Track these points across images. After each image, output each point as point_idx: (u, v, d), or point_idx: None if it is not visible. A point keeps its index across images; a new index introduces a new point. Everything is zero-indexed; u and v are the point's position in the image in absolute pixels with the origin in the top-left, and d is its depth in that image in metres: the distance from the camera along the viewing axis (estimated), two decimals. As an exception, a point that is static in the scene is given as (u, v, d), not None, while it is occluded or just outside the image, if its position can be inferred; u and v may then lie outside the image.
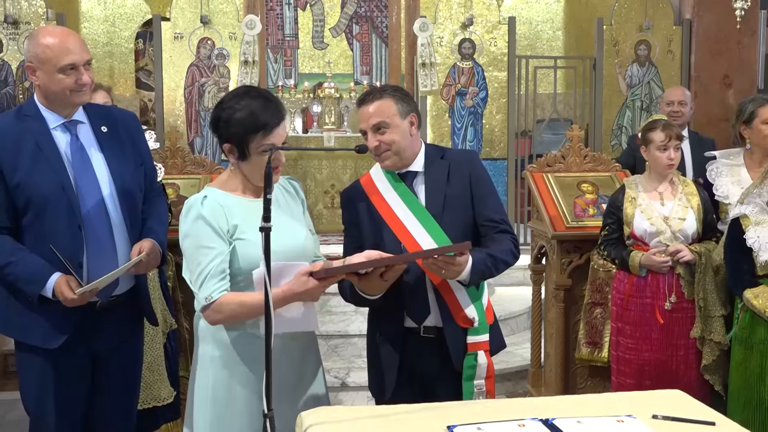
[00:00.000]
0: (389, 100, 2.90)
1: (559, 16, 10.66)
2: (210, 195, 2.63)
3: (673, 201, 4.00)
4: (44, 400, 2.96)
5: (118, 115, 3.13)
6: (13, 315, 2.94)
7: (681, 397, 2.53)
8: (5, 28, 7.80)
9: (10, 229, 2.87)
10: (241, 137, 2.59)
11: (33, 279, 2.82)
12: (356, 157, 7.91)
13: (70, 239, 2.85)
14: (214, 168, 4.67)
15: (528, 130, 8.61)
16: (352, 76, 10.01)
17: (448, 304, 2.89)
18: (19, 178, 2.83)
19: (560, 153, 4.95)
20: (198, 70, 8.05)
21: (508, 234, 2.94)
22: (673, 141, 3.94)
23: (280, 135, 2.62)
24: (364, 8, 10.03)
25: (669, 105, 5.65)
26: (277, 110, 2.62)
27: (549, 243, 4.68)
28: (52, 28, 3.05)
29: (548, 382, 4.84)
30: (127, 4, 10.30)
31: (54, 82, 2.86)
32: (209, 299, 2.53)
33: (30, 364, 2.97)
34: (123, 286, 3.02)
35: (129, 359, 3.14)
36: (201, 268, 2.55)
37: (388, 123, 2.89)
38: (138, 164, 3.07)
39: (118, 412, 3.13)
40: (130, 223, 2.98)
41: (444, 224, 2.90)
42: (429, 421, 2.26)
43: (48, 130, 2.90)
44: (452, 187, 2.95)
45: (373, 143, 2.90)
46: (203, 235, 2.56)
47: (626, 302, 4.05)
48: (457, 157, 3.04)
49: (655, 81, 8.38)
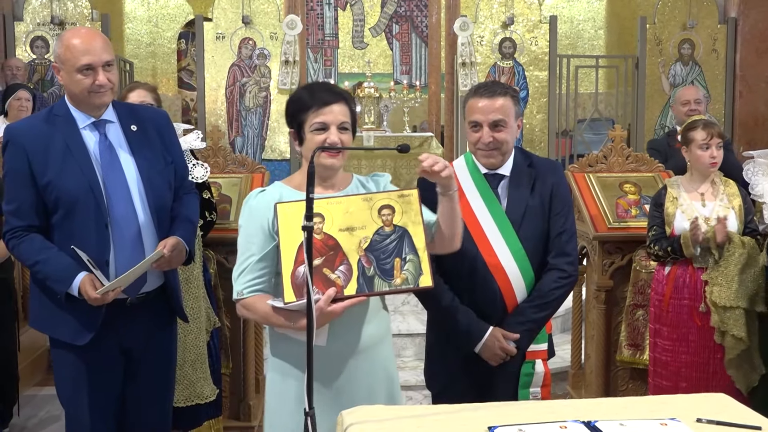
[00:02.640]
0: (510, 100, 2.90)
1: (601, 15, 10.58)
2: (269, 189, 2.63)
3: (714, 202, 3.95)
4: (77, 395, 3.00)
5: (148, 114, 3.14)
6: (45, 311, 2.99)
7: (726, 401, 2.49)
8: (52, 29, 7.95)
9: (39, 228, 2.91)
10: (294, 116, 2.59)
11: (60, 278, 2.85)
12: (396, 157, 7.90)
13: (97, 238, 2.87)
14: (255, 167, 4.70)
15: (569, 130, 8.55)
16: (392, 75, 10.03)
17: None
18: (48, 178, 2.86)
19: (602, 153, 4.91)
20: (239, 69, 8.11)
21: (561, 258, 2.95)
22: (715, 139, 3.89)
23: (334, 113, 2.53)
24: (404, 8, 10.04)
25: (685, 105, 5.44)
26: (331, 92, 2.59)
27: (590, 244, 4.64)
28: (79, 29, 3.09)
29: (588, 384, 4.80)
30: (170, 5, 10.44)
31: (73, 82, 2.89)
32: (240, 294, 2.54)
33: (63, 360, 3.01)
34: (152, 283, 3.03)
35: (161, 355, 3.16)
36: (241, 261, 2.56)
37: (507, 122, 2.89)
38: (167, 162, 3.08)
39: (152, 407, 3.15)
40: (157, 221, 2.99)
41: (521, 234, 2.90)
42: (470, 422, 2.25)
43: (77, 130, 2.93)
44: (534, 198, 2.95)
45: (488, 138, 2.88)
46: (248, 229, 2.57)
47: (664, 303, 4.01)
48: (543, 168, 3.02)
49: (699, 80, 8.28)
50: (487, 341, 2.87)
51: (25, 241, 2.90)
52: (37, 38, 7.94)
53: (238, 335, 4.39)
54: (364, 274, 2.40)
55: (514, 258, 2.90)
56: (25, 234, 2.90)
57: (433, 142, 8.04)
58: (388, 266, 2.42)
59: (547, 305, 2.92)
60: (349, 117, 2.59)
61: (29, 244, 2.90)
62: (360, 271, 2.41)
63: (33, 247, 2.89)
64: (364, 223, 2.45)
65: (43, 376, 5.55)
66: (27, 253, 2.91)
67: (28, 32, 7.91)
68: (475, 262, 2.87)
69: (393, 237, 2.45)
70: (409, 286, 2.41)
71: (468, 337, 2.89)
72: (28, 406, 5.00)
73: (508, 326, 2.89)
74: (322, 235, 2.43)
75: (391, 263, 2.42)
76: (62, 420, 4.74)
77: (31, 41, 7.92)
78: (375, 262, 2.42)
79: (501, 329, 2.89)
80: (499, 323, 2.91)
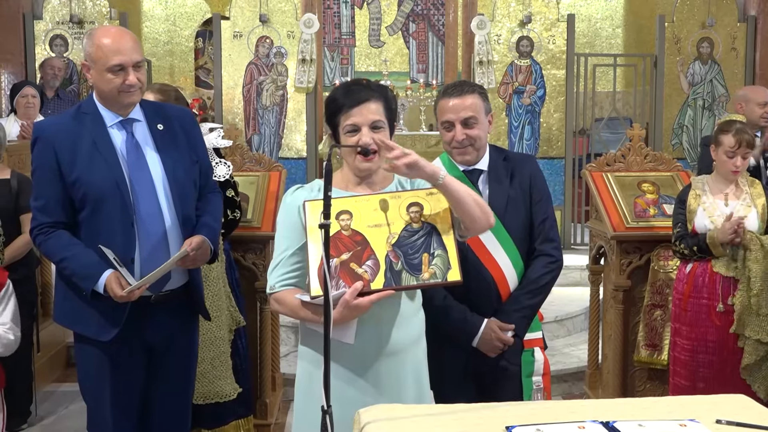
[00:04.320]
0: (478, 97, 2.99)
1: (619, 13, 10.52)
2: (307, 186, 2.66)
3: (737, 201, 3.93)
4: (100, 390, 3.02)
5: (175, 113, 3.16)
6: (70, 307, 3.02)
7: (745, 402, 2.47)
8: (70, 28, 7.99)
9: (66, 224, 2.94)
10: (329, 119, 2.60)
11: (86, 275, 2.88)
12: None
13: (123, 236, 2.90)
14: (272, 165, 4.72)
15: (586, 129, 8.51)
16: (409, 74, 10.01)
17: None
18: (76, 175, 2.89)
19: (620, 152, 4.89)
20: (256, 68, 8.13)
21: (546, 244, 3.02)
22: (743, 149, 3.85)
23: (363, 114, 2.52)
24: (420, 6, 10.02)
25: (762, 106, 5.09)
26: (364, 89, 2.57)
27: (608, 243, 4.62)
28: (108, 27, 3.08)
29: (606, 384, 4.78)
30: (188, 4, 10.48)
31: (104, 81, 2.91)
32: (272, 288, 2.57)
33: (86, 355, 3.04)
34: (176, 280, 3.05)
35: (183, 352, 3.18)
36: (276, 255, 2.59)
37: (477, 119, 2.97)
38: (193, 161, 3.10)
39: (173, 403, 3.17)
40: (183, 220, 3.01)
41: (506, 224, 2.97)
42: (487, 421, 2.24)
43: (105, 128, 2.95)
44: (514, 189, 3.02)
45: (460, 136, 2.96)
46: (284, 224, 2.60)
47: (684, 303, 4.00)
48: (518, 160, 3.12)
49: (718, 79, 8.22)
50: (483, 334, 2.92)
51: (52, 238, 2.93)
52: (56, 37, 7.98)
53: (255, 333, 4.40)
54: (392, 268, 2.42)
55: (503, 248, 2.98)
56: (52, 230, 2.93)
57: (450, 140, 8.03)
58: (416, 261, 2.43)
59: (539, 290, 3.01)
60: (384, 114, 2.58)
61: (56, 240, 2.93)
62: (387, 265, 2.42)
63: (60, 244, 2.92)
64: (393, 219, 2.47)
65: (61, 372, 5.59)
66: (54, 249, 2.94)
67: (47, 31, 7.96)
68: (465, 255, 2.87)
69: (421, 233, 2.47)
70: (437, 281, 2.43)
71: (464, 333, 2.93)
72: (47, 402, 5.04)
73: (505, 315, 2.95)
74: (350, 231, 2.46)
75: (419, 258, 2.43)
76: (80, 416, 4.78)
77: (50, 40, 7.97)
78: (403, 257, 2.43)
79: (496, 321, 2.93)
80: (495, 312, 2.96)
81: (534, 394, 3.02)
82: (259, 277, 4.30)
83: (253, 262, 4.31)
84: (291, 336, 5.73)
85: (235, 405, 3.82)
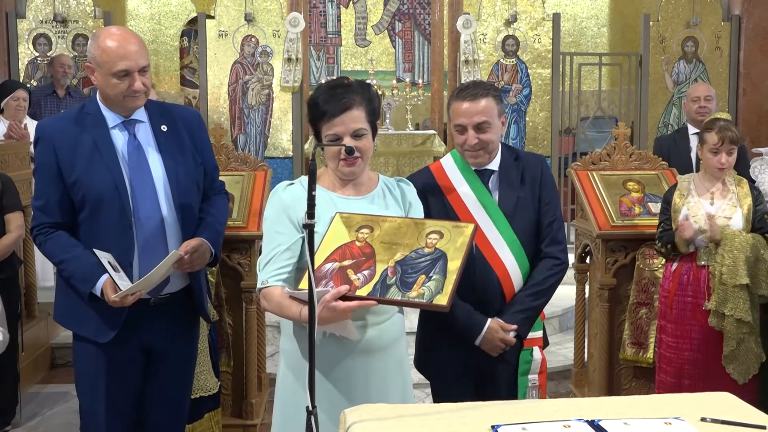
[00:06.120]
0: (492, 100, 2.94)
1: (604, 13, 10.55)
2: (297, 182, 2.65)
3: (722, 201, 3.94)
4: (96, 390, 3.01)
5: (180, 114, 3.13)
6: (70, 307, 3.00)
7: (730, 400, 2.48)
8: (54, 27, 7.94)
9: (66, 225, 2.93)
10: (312, 123, 2.63)
11: (85, 277, 2.86)
12: (398, 154, 7.89)
13: (121, 239, 2.88)
14: (257, 165, 4.70)
15: (572, 128, 8.54)
16: (395, 73, 10.00)
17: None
18: (75, 176, 2.87)
19: (605, 151, 4.89)
20: (242, 67, 8.10)
21: (553, 246, 3.02)
22: (726, 145, 3.88)
23: (345, 124, 2.55)
24: (406, 5, 10.02)
25: (695, 101, 5.44)
26: (345, 96, 2.56)
27: (594, 242, 4.63)
28: (114, 30, 2.99)
29: (592, 383, 4.80)
30: (173, 3, 10.44)
31: (109, 85, 2.88)
32: (264, 284, 2.55)
33: (84, 355, 3.03)
34: (175, 284, 3.02)
35: (183, 355, 3.17)
36: (267, 251, 2.58)
37: (490, 123, 2.94)
38: (197, 163, 3.07)
39: (170, 406, 3.16)
40: (183, 223, 2.98)
41: (514, 225, 2.98)
42: (473, 420, 2.24)
43: (107, 129, 2.93)
44: (524, 189, 3.02)
45: (473, 141, 2.94)
46: (277, 220, 2.59)
47: (670, 300, 4.02)
48: (530, 161, 3.10)
49: (703, 78, 8.25)
50: (486, 334, 2.92)
51: (51, 239, 2.92)
52: (39, 36, 7.93)
53: (241, 333, 4.38)
54: (384, 281, 2.41)
55: (510, 249, 2.97)
56: (52, 231, 2.92)
57: (436, 139, 8.03)
58: (410, 280, 2.42)
59: (543, 292, 3.01)
60: (366, 118, 2.59)
61: (55, 241, 2.92)
62: (382, 278, 2.42)
63: (59, 245, 2.91)
64: (409, 242, 2.48)
65: (45, 373, 5.56)
66: (53, 250, 2.93)
67: (30, 30, 7.91)
68: (471, 254, 2.88)
69: (429, 257, 2.46)
70: (422, 301, 2.38)
71: (467, 332, 2.94)
72: (32, 404, 5.01)
73: (508, 315, 2.95)
74: (363, 243, 2.48)
75: (414, 278, 2.42)
76: (65, 418, 4.76)
77: (33, 39, 7.92)
78: (400, 274, 2.43)
79: (499, 321, 2.94)
80: (498, 312, 2.96)
81: (529, 392, 3.04)
82: (244, 277, 4.28)
83: (238, 262, 4.28)
84: (277, 336, 5.71)
85: (207, 399, 3.87)
